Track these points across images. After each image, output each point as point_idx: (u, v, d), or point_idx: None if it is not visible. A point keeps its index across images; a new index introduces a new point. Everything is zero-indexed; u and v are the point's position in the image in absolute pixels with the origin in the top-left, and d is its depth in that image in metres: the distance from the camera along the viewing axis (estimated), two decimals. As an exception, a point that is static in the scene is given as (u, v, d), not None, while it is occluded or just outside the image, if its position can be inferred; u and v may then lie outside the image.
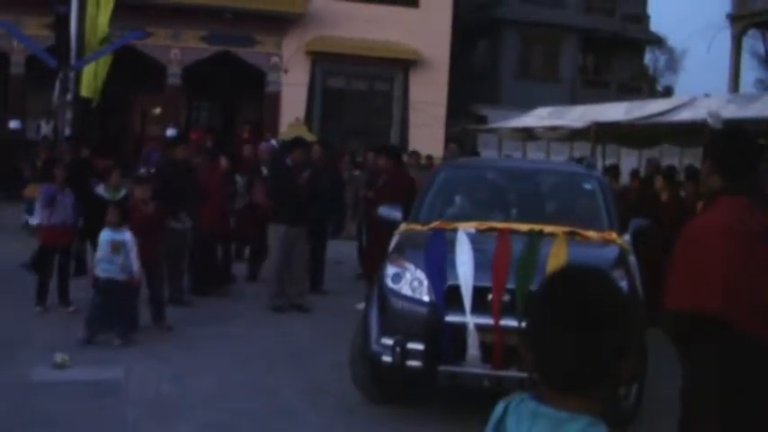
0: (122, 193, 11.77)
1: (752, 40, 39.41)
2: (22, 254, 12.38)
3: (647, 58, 52.01)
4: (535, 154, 26.38)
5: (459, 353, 7.14)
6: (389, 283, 7.67)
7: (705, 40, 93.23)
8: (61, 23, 17.00)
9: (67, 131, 16.97)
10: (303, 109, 29.06)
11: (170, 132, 26.77)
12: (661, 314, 5.18)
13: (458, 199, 9.68)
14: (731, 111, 16.27)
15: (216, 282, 12.52)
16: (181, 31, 27.88)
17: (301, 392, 8.17)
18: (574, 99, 35.19)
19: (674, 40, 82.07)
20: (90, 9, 17.17)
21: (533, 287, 6.78)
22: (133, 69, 26.40)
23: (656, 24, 56.54)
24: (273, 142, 21.06)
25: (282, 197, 11.77)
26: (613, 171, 15.65)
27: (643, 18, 44.33)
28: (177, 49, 28.03)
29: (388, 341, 7.29)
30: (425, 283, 7.44)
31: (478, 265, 7.28)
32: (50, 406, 7.47)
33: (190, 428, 7.14)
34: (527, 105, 28.51)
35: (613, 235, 8.24)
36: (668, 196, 12.64)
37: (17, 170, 20.80)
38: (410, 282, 7.55)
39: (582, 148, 22.62)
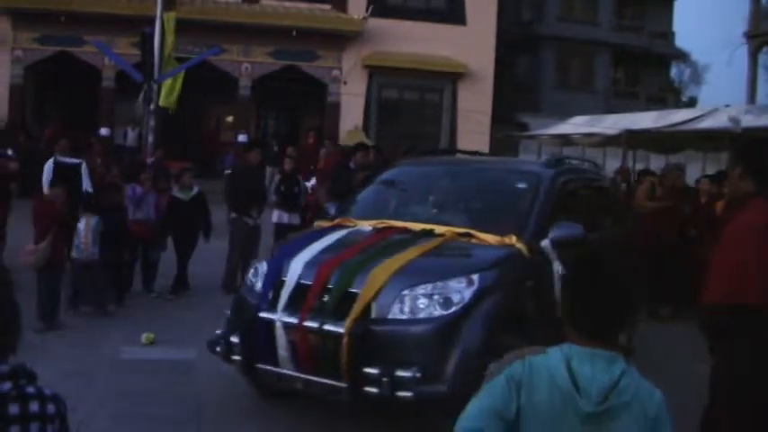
0: (194, 191, 11.81)
1: (766, 57, 38.69)
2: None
3: (673, 71, 51.41)
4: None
5: (273, 351, 6.29)
6: (249, 275, 7.12)
7: (725, 56, 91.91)
8: (146, 42, 17.19)
9: (151, 138, 17.16)
10: (361, 117, 29.10)
11: (242, 138, 27.05)
12: (700, 307, 5.09)
13: (384, 197, 8.58)
14: (748, 120, 16.08)
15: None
16: (251, 47, 28.06)
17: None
18: (607, 108, 34.82)
19: (697, 55, 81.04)
20: (165, 31, 17.43)
21: (354, 288, 6.10)
22: (209, 82, 26.68)
23: (681, 41, 55.85)
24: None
25: (344, 196, 11.74)
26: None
27: (669, 35, 43.81)
28: (248, 63, 28.21)
29: (218, 332, 6.87)
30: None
31: (313, 263, 6.46)
32: (137, 381, 7.66)
33: (252, 400, 7.26)
34: (565, 114, 28.23)
35: (513, 239, 6.80)
36: (707, 198, 12.26)
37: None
38: (259, 276, 6.85)
39: (615, 154, 22.37)
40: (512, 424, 2.45)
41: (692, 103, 51.30)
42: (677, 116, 20.41)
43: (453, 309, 5.99)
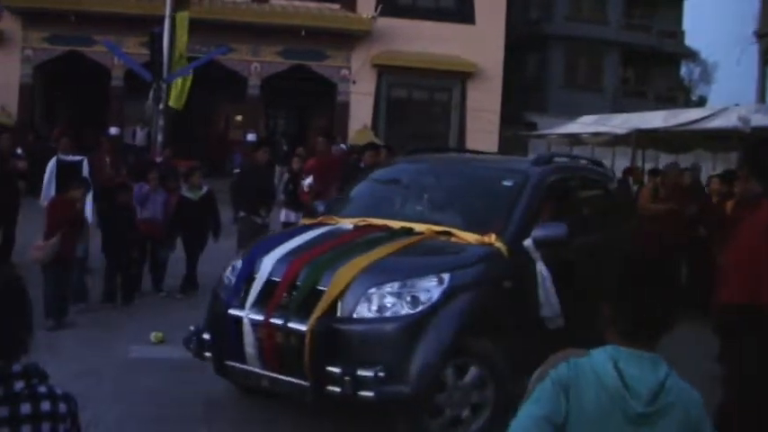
0: (204, 191, 11.82)
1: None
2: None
3: (683, 70, 51.17)
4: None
5: (241, 348, 6.21)
6: (226, 273, 6.95)
7: (735, 55, 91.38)
8: (155, 42, 17.20)
9: (160, 138, 17.18)
10: (370, 116, 29.12)
11: (250, 137, 27.09)
12: (713, 306, 5.09)
13: (371, 195, 8.41)
14: (758, 119, 16.01)
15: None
16: (260, 46, 28.11)
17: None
18: (616, 108, 34.71)
19: (706, 53, 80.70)
20: (178, 30, 17.45)
21: (321, 286, 6.02)
22: (218, 81, 26.72)
23: (691, 40, 55.55)
24: (343, 146, 21.10)
25: None
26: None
27: (678, 34, 43.68)
28: (257, 62, 28.26)
29: (191, 328, 6.79)
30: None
31: (284, 260, 6.37)
32: (147, 380, 7.68)
33: (262, 399, 7.21)
34: (573, 113, 28.15)
35: (492, 237, 6.62)
36: (718, 199, 12.12)
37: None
38: (234, 273, 6.73)
39: (624, 153, 22.33)
40: (560, 427, 2.47)
41: (701, 102, 51.13)
42: (687, 115, 20.33)
43: (420, 308, 5.90)
